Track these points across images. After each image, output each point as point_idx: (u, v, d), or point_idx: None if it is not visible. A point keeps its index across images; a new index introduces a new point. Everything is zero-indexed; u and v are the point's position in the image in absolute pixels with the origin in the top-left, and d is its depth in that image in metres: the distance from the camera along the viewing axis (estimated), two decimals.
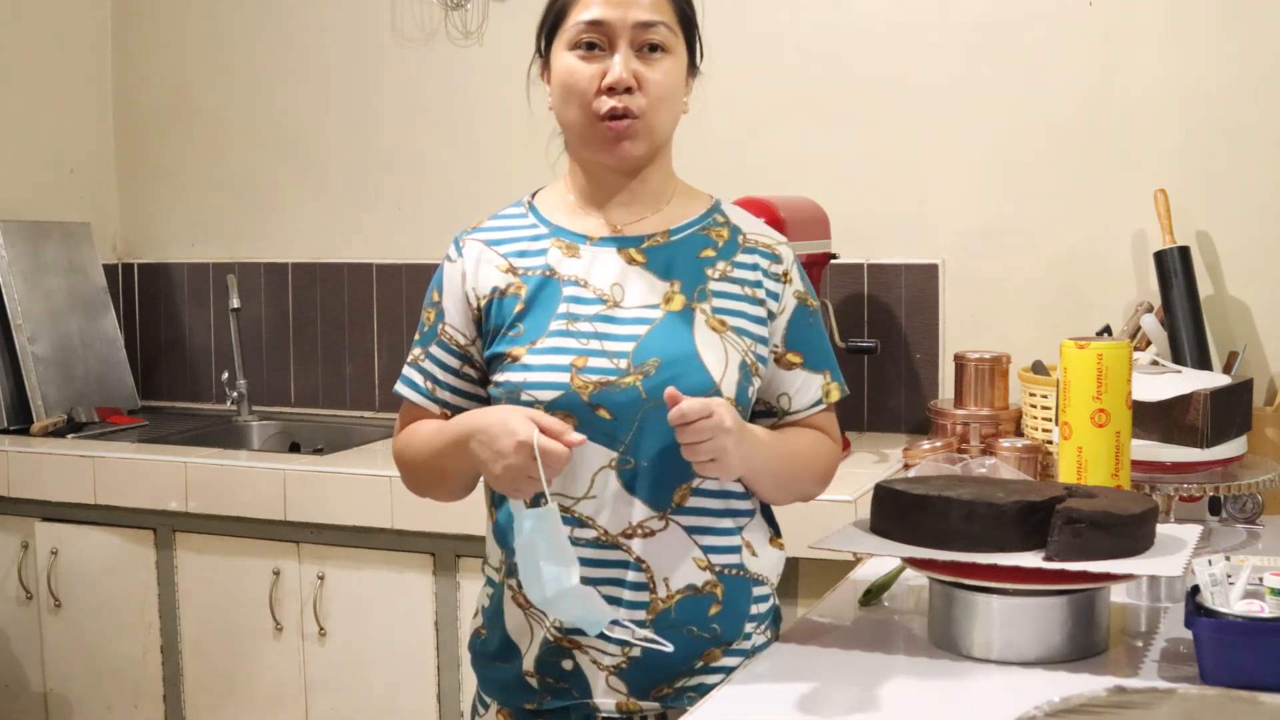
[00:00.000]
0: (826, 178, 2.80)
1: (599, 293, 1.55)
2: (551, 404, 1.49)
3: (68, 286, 3.34)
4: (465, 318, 1.59)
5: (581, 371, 1.50)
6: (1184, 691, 1.34)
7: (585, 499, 1.51)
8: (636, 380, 1.50)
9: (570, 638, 1.52)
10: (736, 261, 1.59)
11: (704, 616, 1.53)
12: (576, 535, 1.50)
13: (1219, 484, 1.94)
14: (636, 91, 1.51)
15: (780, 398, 1.61)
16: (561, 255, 1.57)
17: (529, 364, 1.52)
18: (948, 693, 1.41)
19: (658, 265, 1.56)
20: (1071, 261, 2.67)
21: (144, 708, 2.82)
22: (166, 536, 2.76)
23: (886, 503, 1.56)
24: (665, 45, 1.54)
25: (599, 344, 1.52)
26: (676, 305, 1.54)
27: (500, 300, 1.56)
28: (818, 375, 1.62)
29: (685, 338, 1.52)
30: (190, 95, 3.47)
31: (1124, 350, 1.68)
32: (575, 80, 1.52)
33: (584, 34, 1.52)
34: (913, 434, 2.75)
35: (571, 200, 1.62)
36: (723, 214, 1.63)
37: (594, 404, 1.49)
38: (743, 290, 1.57)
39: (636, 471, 1.50)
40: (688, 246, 1.58)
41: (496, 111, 3.14)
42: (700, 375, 1.51)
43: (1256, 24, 2.51)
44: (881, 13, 2.78)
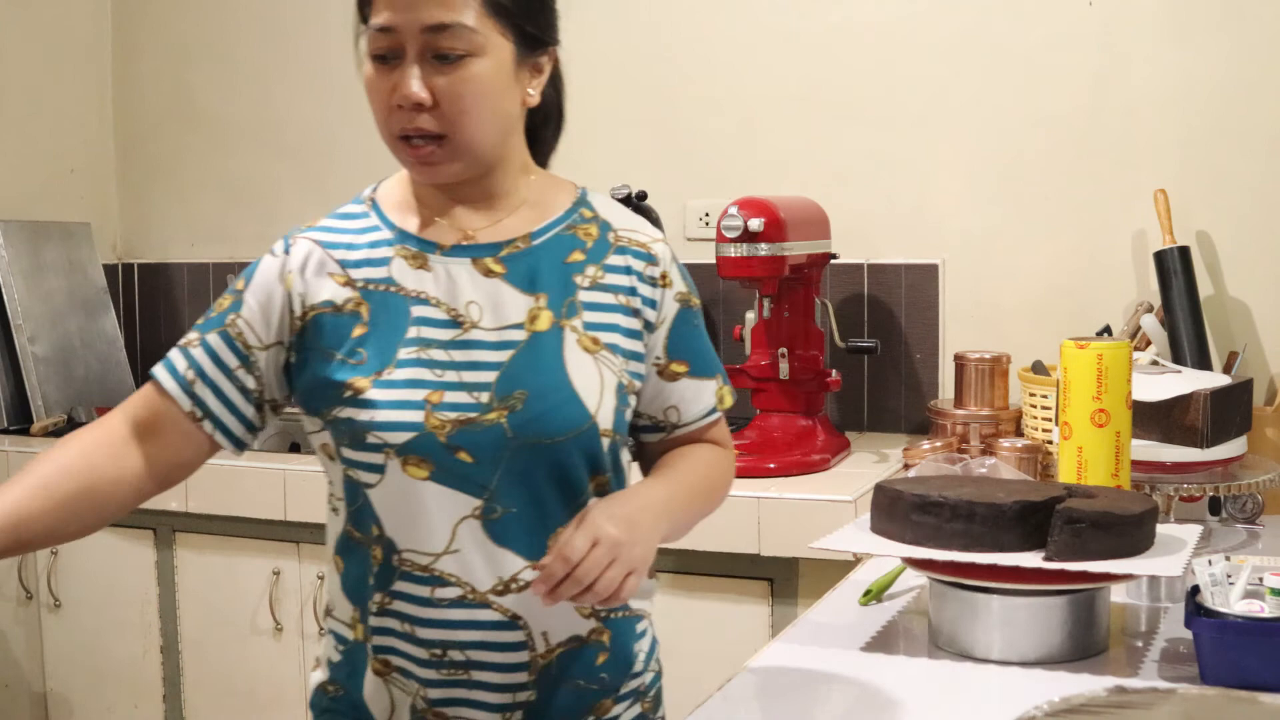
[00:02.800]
0: (826, 178, 2.79)
1: (453, 313, 1.34)
2: (404, 447, 1.29)
3: (68, 286, 3.33)
4: (270, 321, 1.36)
5: (437, 409, 1.30)
6: (1184, 691, 1.34)
7: (446, 554, 1.31)
8: (501, 417, 1.30)
9: (437, 710, 1.35)
10: (608, 265, 1.39)
11: (591, 667, 1.38)
12: (437, 595, 1.31)
13: (1219, 484, 1.94)
14: (432, 110, 1.30)
15: (668, 411, 1.43)
16: (407, 267, 1.36)
17: (375, 399, 1.30)
18: (948, 693, 1.41)
19: (519, 277, 1.36)
20: (1071, 261, 2.67)
21: (144, 708, 2.82)
22: (166, 536, 2.76)
23: (886, 503, 1.56)
24: (469, 49, 1.30)
25: (456, 375, 1.32)
26: (543, 324, 1.35)
27: (335, 318, 1.34)
28: (709, 381, 1.45)
29: (555, 364, 1.33)
30: (190, 95, 3.47)
31: (1124, 350, 1.69)
32: (373, 94, 1.33)
33: (376, 41, 1.32)
34: (913, 434, 2.75)
35: (414, 200, 1.41)
36: (590, 207, 1.44)
37: (452, 446, 1.30)
38: (616, 299, 1.38)
39: (504, 521, 1.31)
40: (552, 251, 1.38)
41: None
42: (574, 408, 1.32)
43: (1256, 23, 2.51)
44: (881, 12, 2.78)
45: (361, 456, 1.32)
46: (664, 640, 2.32)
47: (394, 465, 1.30)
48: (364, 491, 1.33)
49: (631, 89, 2.94)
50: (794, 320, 2.52)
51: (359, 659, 1.38)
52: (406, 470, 1.30)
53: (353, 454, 1.33)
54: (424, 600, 1.32)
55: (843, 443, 2.56)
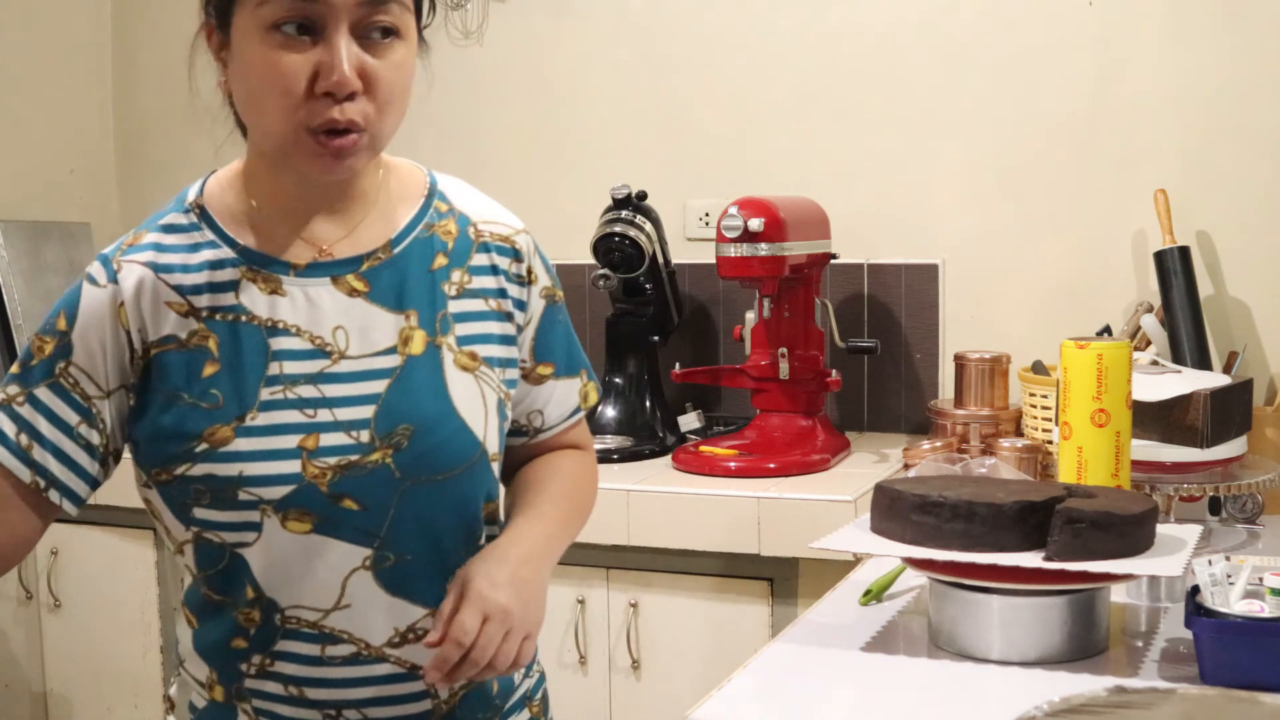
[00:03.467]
0: (826, 178, 2.79)
1: (318, 342, 1.19)
2: (282, 502, 1.15)
3: (68, 286, 3.33)
4: (107, 363, 1.18)
5: (314, 455, 1.16)
6: (1184, 691, 1.34)
7: (337, 610, 1.19)
8: (386, 457, 1.17)
9: None
10: (473, 266, 1.26)
11: (488, 699, 1.29)
12: (329, 653, 1.19)
13: (1219, 484, 1.94)
14: (361, 96, 1.13)
15: (533, 415, 1.34)
16: (258, 292, 1.19)
17: (241, 450, 1.15)
18: (947, 693, 1.41)
19: (385, 293, 1.21)
20: (1071, 261, 2.67)
21: (144, 708, 2.82)
22: None
23: (886, 503, 1.56)
24: (398, 27, 1.15)
25: (330, 413, 1.17)
26: (417, 346, 1.21)
27: (181, 355, 1.17)
28: (574, 380, 1.35)
29: (437, 390, 1.20)
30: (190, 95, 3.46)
31: (1124, 350, 1.68)
32: (278, 79, 1.12)
33: (290, 10, 1.10)
34: (913, 434, 2.75)
35: (254, 208, 1.22)
36: (443, 198, 1.29)
37: (336, 494, 1.16)
38: (486, 304, 1.26)
39: (399, 568, 1.20)
40: (415, 258, 1.24)
41: (496, 111, 3.14)
42: (464, 438, 1.21)
43: (1256, 23, 2.51)
44: (882, 12, 2.78)
45: (229, 516, 1.16)
46: (664, 640, 2.32)
47: (272, 523, 1.16)
48: (232, 553, 1.18)
49: (631, 89, 2.94)
50: (794, 320, 2.52)
51: (226, 716, 1.25)
52: (287, 526, 1.16)
53: (215, 514, 1.17)
54: (313, 659, 1.20)
55: (843, 443, 2.56)
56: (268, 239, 1.21)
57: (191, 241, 1.22)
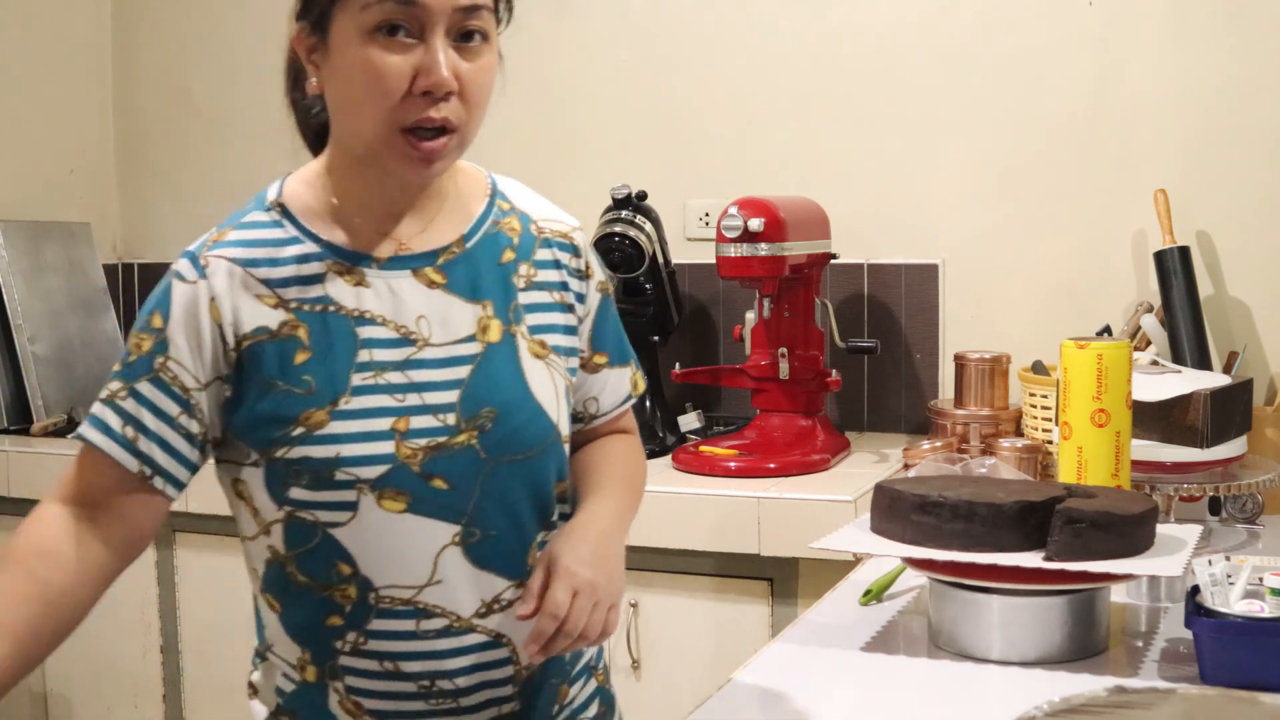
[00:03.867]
0: (826, 178, 2.79)
1: (403, 331, 1.25)
2: (378, 481, 1.21)
3: (68, 286, 3.33)
4: (202, 356, 1.23)
5: (406, 437, 1.22)
6: (1184, 691, 1.34)
7: (429, 585, 1.25)
8: (471, 438, 1.24)
9: None
10: (538, 260, 1.33)
11: (562, 665, 1.36)
12: (422, 628, 1.25)
13: (1219, 484, 1.94)
14: (453, 96, 1.20)
15: (588, 402, 1.41)
16: (344, 284, 1.25)
17: (337, 432, 1.21)
18: (947, 693, 1.41)
19: (461, 284, 1.28)
20: (1071, 261, 2.67)
21: (144, 708, 2.82)
22: (166, 536, 2.76)
23: (886, 503, 1.56)
24: (486, 32, 1.22)
25: (418, 398, 1.23)
26: (494, 334, 1.28)
27: (272, 345, 1.23)
28: (625, 369, 1.43)
29: (515, 376, 1.28)
30: (190, 95, 3.47)
31: (1124, 350, 1.69)
32: (380, 79, 1.17)
33: (393, 14, 1.16)
34: (913, 434, 2.75)
35: (336, 206, 1.28)
36: (504, 197, 1.36)
37: (426, 474, 1.22)
38: (551, 296, 1.33)
39: (485, 544, 1.26)
40: (486, 252, 1.30)
41: (496, 111, 3.14)
42: (541, 421, 1.28)
43: (1257, 23, 2.51)
44: (882, 12, 2.78)
45: (325, 496, 1.22)
46: (664, 640, 2.32)
47: (368, 501, 1.22)
48: (325, 532, 1.23)
49: (631, 89, 2.94)
50: (794, 320, 2.52)
51: (315, 699, 1.30)
52: (382, 505, 1.22)
53: (311, 494, 1.22)
54: (408, 634, 1.26)
55: (843, 443, 2.56)
56: (349, 234, 1.27)
57: (275, 237, 1.27)
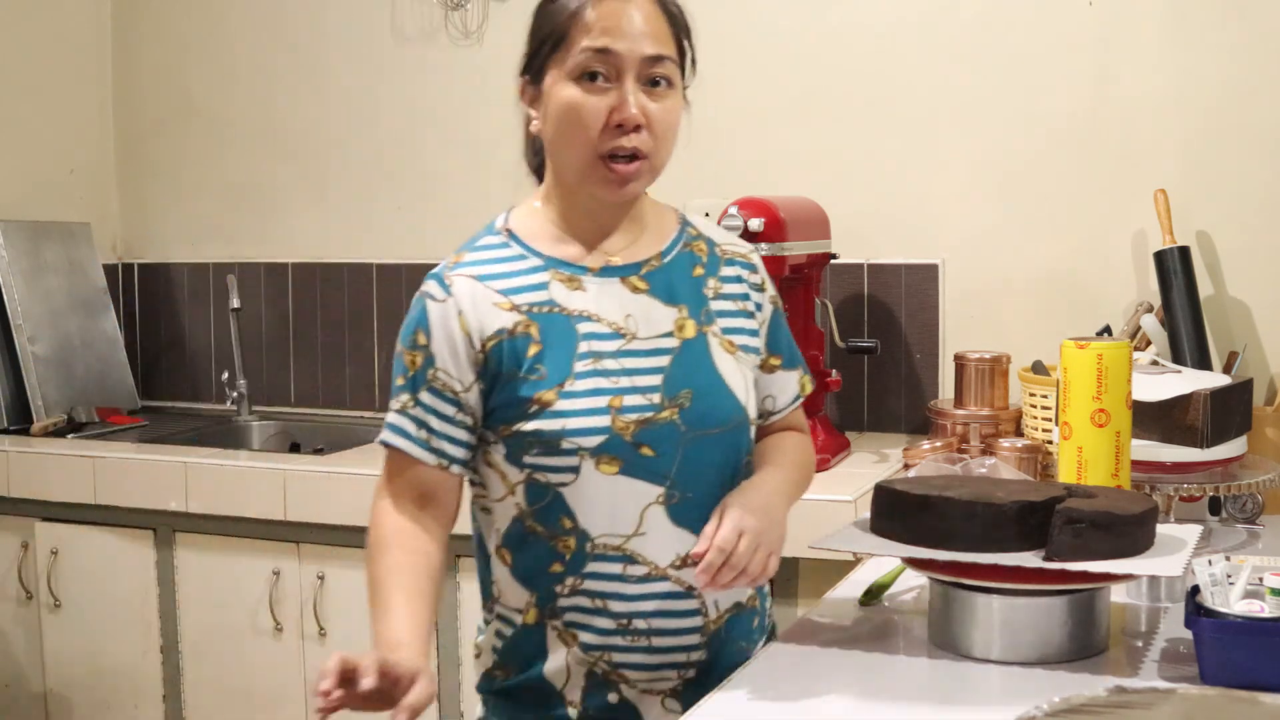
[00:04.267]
0: (826, 178, 2.79)
1: (615, 326, 1.50)
2: (597, 449, 1.46)
3: (68, 286, 3.34)
4: (462, 362, 1.49)
5: (620, 412, 1.47)
6: (1184, 691, 1.34)
7: (635, 536, 1.49)
8: (673, 414, 1.48)
9: (620, 671, 1.51)
10: (723, 276, 1.58)
11: (749, 629, 1.58)
12: (628, 572, 1.49)
13: (1219, 484, 1.94)
14: (643, 129, 1.46)
15: (765, 400, 1.62)
16: (565, 290, 1.51)
17: (564, 409, 1.46)
18: (948, 693, 1.41)
19: (660, 291, 1.53)
20: (1071, 261, 2.67)
21: (144, 708, 2.82)
22: (166, 536, 2.76)
23: (886, 503, 1.56)
24: (671, 79, 1.50)
25: (629, 380, 1.48)
26: (690, 332, 1.53)
27: (509, 342, 1.48)
28: (794, 372, 1.65)
29: (708, 365, 1.52)
30: (190, 95, 3.47)
31: (1124, 350, 1.69)
32: (581, 115, 1.45)
33: (590, 63, 1.45)
34: (913, 434, 2.75)
35: (554, 229, 1.54)
36: (693, 226, 1.62)
37: (637, 443, 1.47)
38: (736, 305, 1.58)
39: (684, 504, 1.49)
40: (681, 267, 1.56)
41: (496, 111, 3.13)
42: (731, 403, 1.52)
43: (1256, 23, 2.51)
44: (882, 12, 2.78)
45: (554, 461, 1.47)
46: None
47: (588, 465, 1.46)
48: (555, 491, 1.48)
49: None
50: (794, 320, 2.50)
51: (539, 641, 1.53)
52: (600, 468, 1.46)
53: (543, 459, 1.47)
54: (616, 577, 1.49)
55: (843, 443, 2.55)
56: (567, 250, 1.53)
57: (505, 255, 1.53)
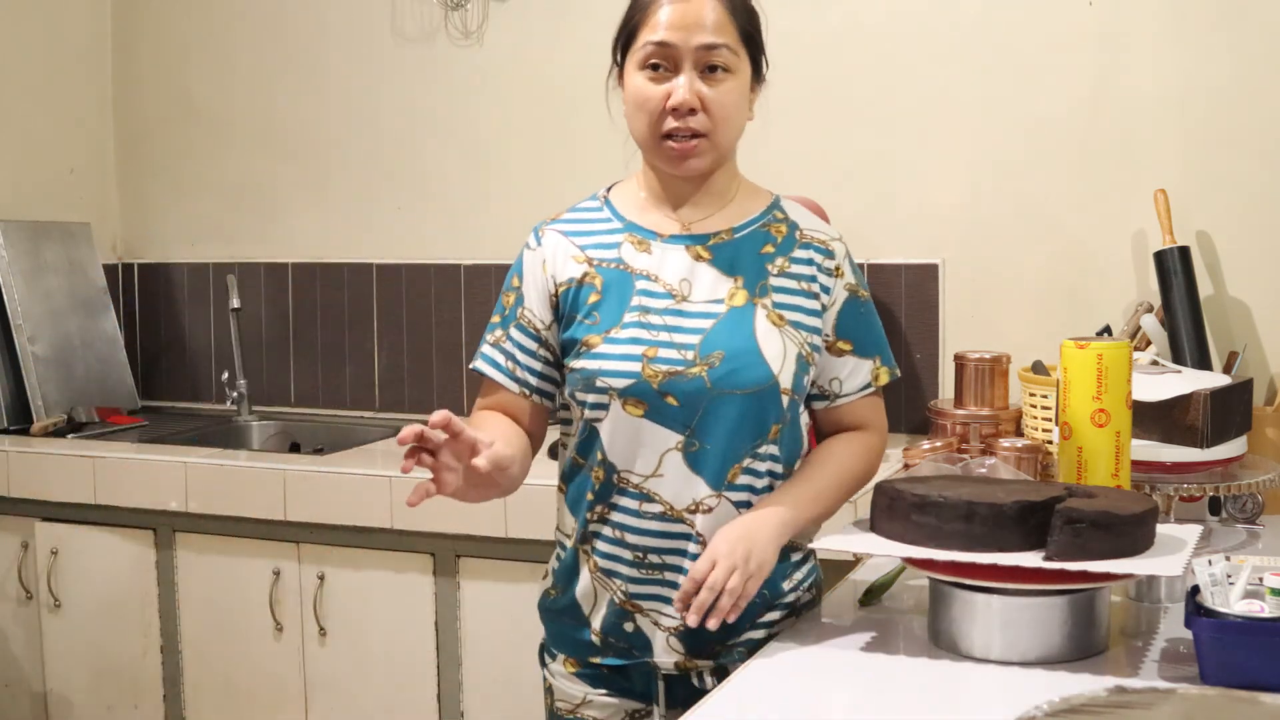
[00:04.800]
0: (826, 178, 2.79)
1: (669, 287, 1.65)
2: (624, 391, 1.61)
3: (68, 286, 3.34)
4: (543, 303, 1.69)
5: (652, 361, 1.61)
6: (1184, 691, 1.34)
7: (653, 477, 1.62)
8: (703, 371, 1.61)
9: (634, 601, 1.65)
10: (794, 257, 1.69)
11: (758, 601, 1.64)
12: (644, 509, 1.63)
13: (1219, 484, 1.94)
14: (700, 112, 1.61)
15: (832, 382, 1.72)
16: (634, 250, 1.68)
17: (604, 353, 1.62)
18: (948, 693, 1.41)
19: (723, 262, 1.67)
20: (1072, 262, 2.67)
21: (144, 708, 2.82)
22: (166, 536, 2.76)
23: (886, 503, 1.56)
24: (728, 66, 1.63)
25: (668, 336, 1.62)
26: (740, 300, 1.65)
27: (577, 289, 1.67)
28: (867, 360, 1.73)
29: (747, 332, 1.63)
30: (190, 95, 3.47)
31: (1124, 350, 1.69)
32: (643, 100, 1.63)
33: (651, 55, 1.62)
34: (913, 434, 2.75)
35: (643, 198, 1.72)
36: (782, 210, 1.74)
37: (663, 392, 1.61)
38: (799, 285, 1.68)
39: (700, 453, 1.61)
40: (750, 243, 1.69)
41: (496, 111, 3.14)
42: (760, 368, 1.62)
43: (1256, 23, 2.51)
44: (882, 12, 2.78)
45: (592, 398, 1.63)
46: None
47: (616, 405, 1.62)
48: (592, 425, 1.64)
49: None
50: None
51: (575, 563, 1.69)
52: (626, 409, 1.61)
53: (585, 395, 1.63)
54: (634, 512, 1.63)
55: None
56: (646, 217, 1.71)
57: (595, 217, 1.73)
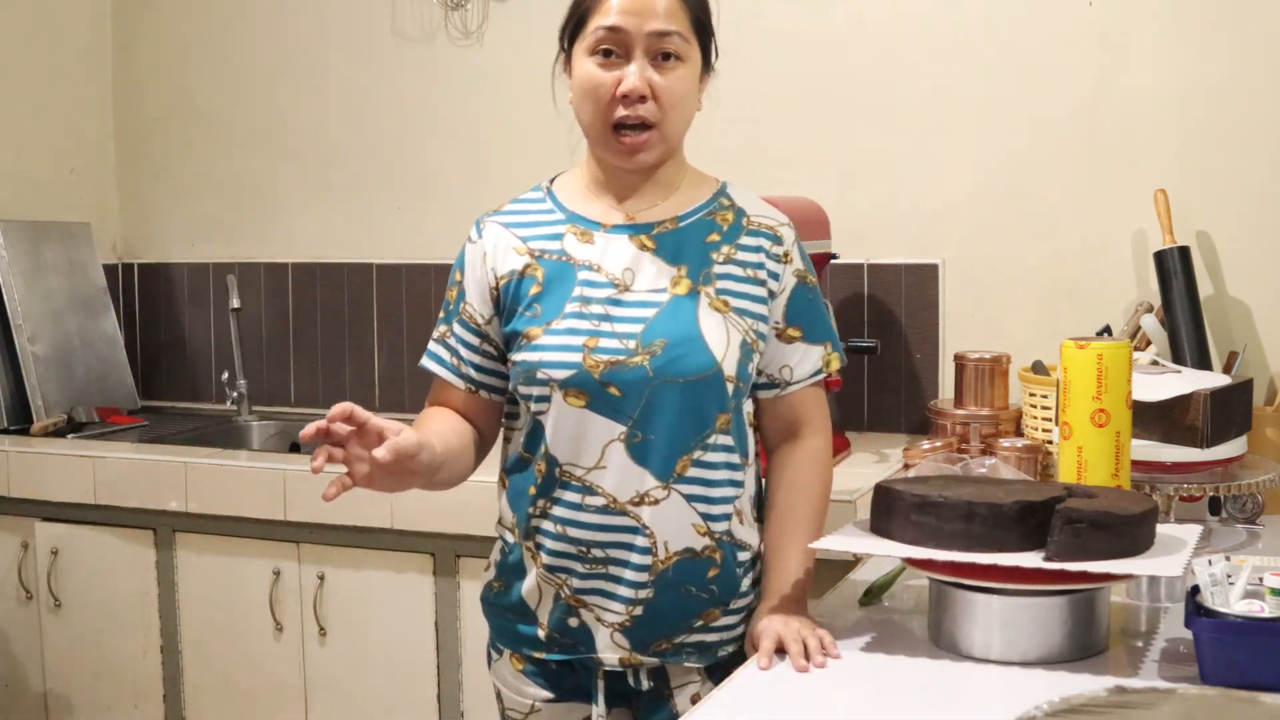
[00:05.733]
0: (826, 178, 2.79)
1: (611, 277, 1.63)
2: (565, 382, 1.59)
3: (68, 286, 3.34)
4: (484, 297, 1.67)
5: (593, 351, 1.59)
6: (1184, 691, 1.34)
7: (596, 469, 1.61)
8: (644, 360, 1.59)
9: (578, 596, 1.64)
10: (740, 244, 1.67)
11: (702, 578, 1.64)
12: (587, 502, 1.61)
13: (1219, 484, 1.94)
14: (650, 100, 1.59)
15: (782, 369, 1.70)
16: (577, 241, 1.66)
17: (544, 344, 1.61)
18: (948, 693, 1.41)
19: (667, 251, 1.65)
20: (1071, 261, 2.67)
21: (144, 708, 2.82)
22: (166, 536, 2.76)
23: (886, 503, 1.56)
24: (679, 53, 1.61)
25: (609, 325, 1.61)
26: (683, 289, 1.63)
27: (518, 281, 1.65)
28: (817, 347, 1.71)
29: (690, 319, 1.61)
30: (190, 95, 3.47)
31: (1124, 350, 1.69)
32: (592, 87, 1.60)
33: (602, 41, 1.59)
34: (913, 434, 2.75)
35: (587, 188, 1.70)
36: (728, 197, 1.72)
37: (605, 382, 1.59)
38: (745, 272, 1.66)
39: (644, 444, 1.60)
40: (695, 231, 1.67)
41: (496, 111, 3.14)
42: (703, 355, 1.60)
43: (1256, 23, 2.51)
44: (883, 12, 2.78)
45: (533, 390, 1.61)
46: None
47: (558, 396, 1.60)
48: (535, 418, 1.63)
49: None
50: None
51: (518, 558, 1.68)
52: (567, 400, 1.59)
53: (528, 389, 1.62)
54: (577, 505, 1.61)
55: (843, 443, 2.55)
56: (589, 207, 1.69)
57: (537, 208, 1.71)
